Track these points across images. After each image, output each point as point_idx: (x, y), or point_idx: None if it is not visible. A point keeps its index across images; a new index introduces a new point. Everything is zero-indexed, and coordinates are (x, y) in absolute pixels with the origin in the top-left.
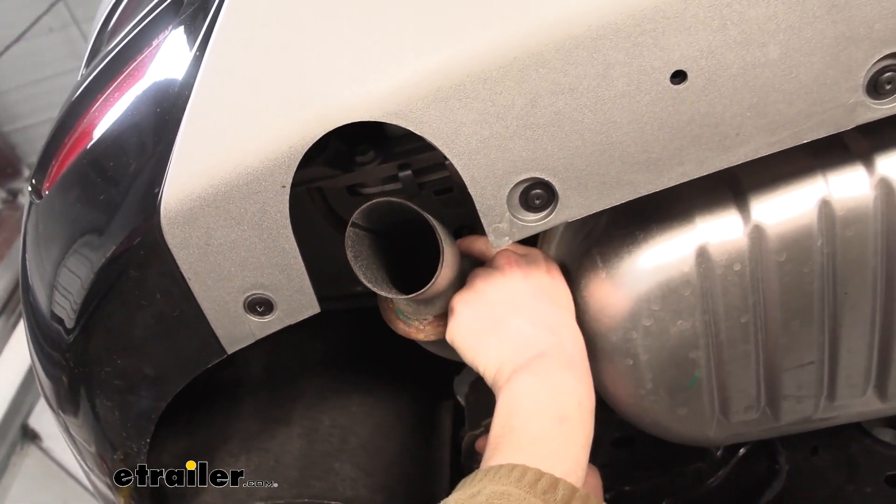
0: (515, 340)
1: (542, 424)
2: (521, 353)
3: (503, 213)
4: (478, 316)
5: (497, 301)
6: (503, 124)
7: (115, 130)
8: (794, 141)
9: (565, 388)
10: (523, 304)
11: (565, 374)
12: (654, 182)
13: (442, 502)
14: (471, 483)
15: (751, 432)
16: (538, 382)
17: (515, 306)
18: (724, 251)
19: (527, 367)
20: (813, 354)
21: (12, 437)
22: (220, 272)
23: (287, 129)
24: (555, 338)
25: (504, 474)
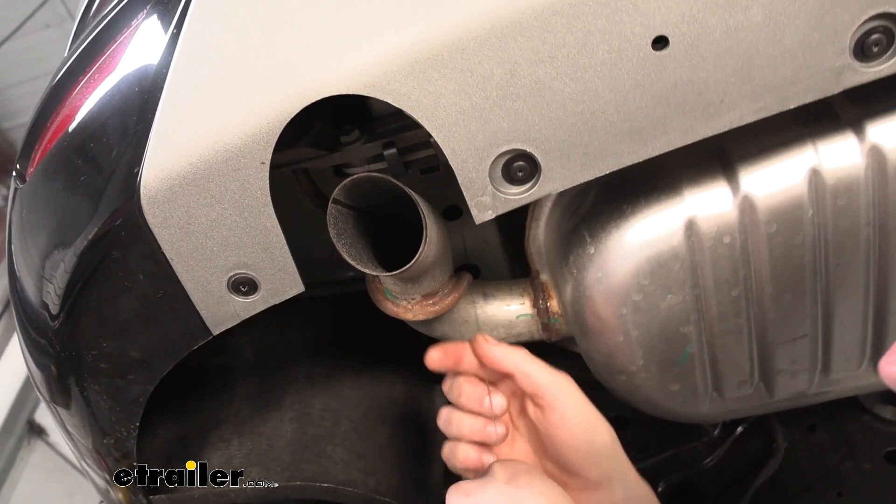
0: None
1: None
2: None
3: (485, 187)
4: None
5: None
6: (483, 95)
7: (95, 112)
8: (780, 107)
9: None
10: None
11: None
12: (638, 152)
13: None
14: None
15: (745, 408)
16: None
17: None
18: (713, 224)
19: None
20: (806, 328)
21: (19, 432)
22: (203, 252)
23: (264, 104)
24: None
25: None
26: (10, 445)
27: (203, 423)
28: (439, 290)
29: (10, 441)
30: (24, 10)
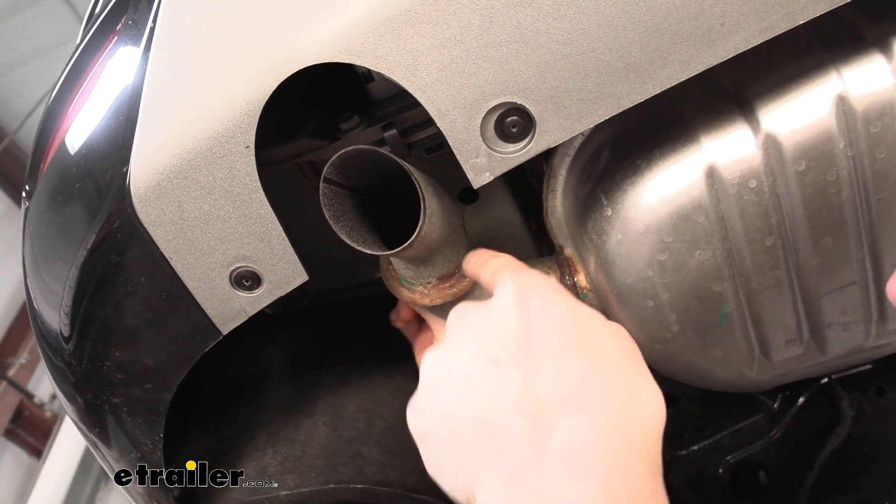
0: (472, 456)
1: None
2: (485, 479)
3: (479, 147)
4: (425, 436)
5: (441, 402)
6: (462, 47)
7: (86, 121)
8: (787, 23)
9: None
10: (477, 387)
11: (554, 480)
12: (637, 91)
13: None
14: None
15: (797, 370)
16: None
17: (468, 396)
18: (735, 168)
19: (498, 497)
20: (853, 273)
21: (96, 474)
22: (200, 247)
23: (241, 85)
24: (534, 417)
25: None
26: (87, 489)
27: (237, 435)
28: (455, 272)
29: (87, 484)
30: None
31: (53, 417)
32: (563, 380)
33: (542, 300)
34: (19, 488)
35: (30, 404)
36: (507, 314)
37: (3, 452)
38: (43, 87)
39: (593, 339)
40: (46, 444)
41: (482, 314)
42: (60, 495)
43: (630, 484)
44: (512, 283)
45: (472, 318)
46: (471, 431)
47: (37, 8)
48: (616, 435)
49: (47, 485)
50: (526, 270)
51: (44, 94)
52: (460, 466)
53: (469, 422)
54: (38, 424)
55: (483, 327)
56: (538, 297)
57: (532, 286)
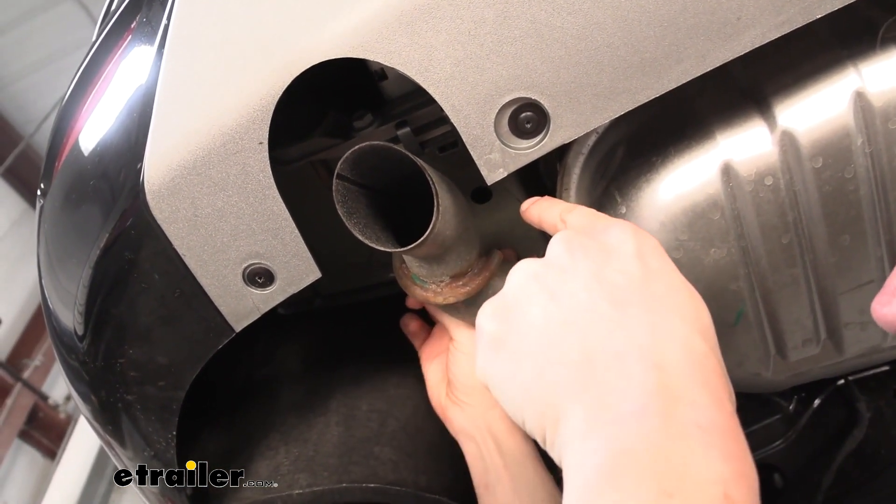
0: (571, 383)
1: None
2: (585, 407)
3: (493, 143)
4: (507, 342)
5: (538, 316)
6: (477, 42)
7: (100, 118)
8: (805, 17)
9: (685, 468)
10: (591, 320)
11: (679, 443)
12: (652, 86)
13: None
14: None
15: (814, 370)
16: (626, 466)
17: (576, 325)
18: (751, 165)
19: (594, 432)
20: (871, 272)
21: (109, 475)
22: (214, 244)
23: (254, 81)
24: (657, 375)
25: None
26: (101, 490)
27: (251, 434)
28: (468, 270)
29: (101, 486)
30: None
31: (68, 419)
32: (687, 349)
33: (660, 262)
34: (33, 489)
35: (44, 406)
36: (629, 261)
37: (18, 454)
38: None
39: (703, 314)
40: (60, 445)
41: (601, 249)
42: (74, 497)
43: (752, 475)
44: (631, 233)
45: (590, 249)
46: (577, 358)
47: (52, 13)
48: (732, 421)
49: (61, 486)
50: (642, 229)
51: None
52: (549, 384)
53: (576, 347)
54: (52, 426)
55: (603, 263)
56: (656, 258)
57: (650, 244)
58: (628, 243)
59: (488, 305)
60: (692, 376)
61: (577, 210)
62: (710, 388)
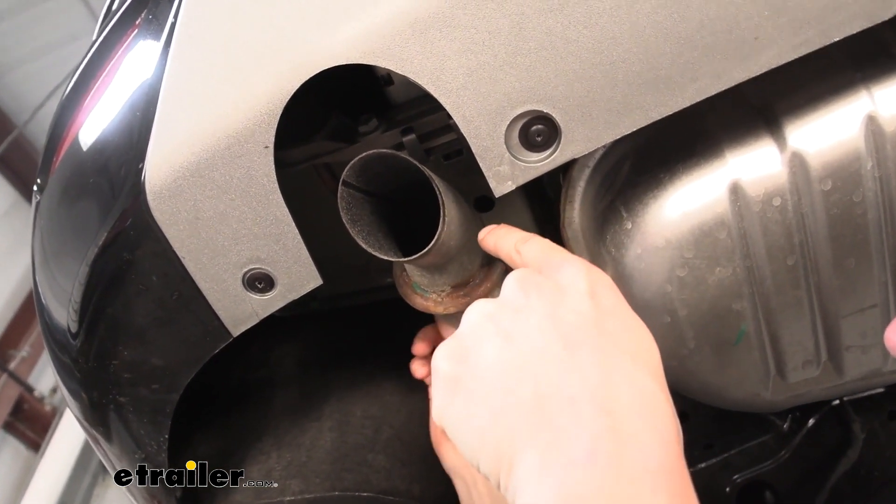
0: (524, 427)
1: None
2: (538, 451)
3: (502, 155)
4: (462, 384)
5: (492, 358)
6: (490, 52)
7: (101, 115)
8: (822, 40)
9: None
10: (545, 363)
11: (628, 487)
12: (666, 103)
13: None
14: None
15: (813, 391)
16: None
17: (530, 368)
18: (760, 185)
19: (546, 477)
20: (875, 296)
21: (93, 469)
22: (214, 247)
23: (262, 84)
24: (607, 419)
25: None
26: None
27: (243, 438)
28: (470, 280)
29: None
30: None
31: (53, 411)
32: (637, 392)
33: (613, 299)
34: (17, 482)
35: (30, 398)
36: (582, 300)
37: (2, 445)
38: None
39: (653, 354)
40: (45, 438)
41: (554, 289)
42: (58, 490)
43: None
44: (584, 272)
45: (544, 289)
46: (530, 402)
47: (50, 4)
48: (679, 462)
49: (45, 479)
50: (594, 266)
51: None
52: (504, 428)
53: (530, 391)
54: (37, 418)
55: (556, 303)
56: (609, 296)
57: (602, 282)
58: (581, 282)
59: (444, 346)
60: (641, 419)
61: (532, 241)
62: (659, 430)
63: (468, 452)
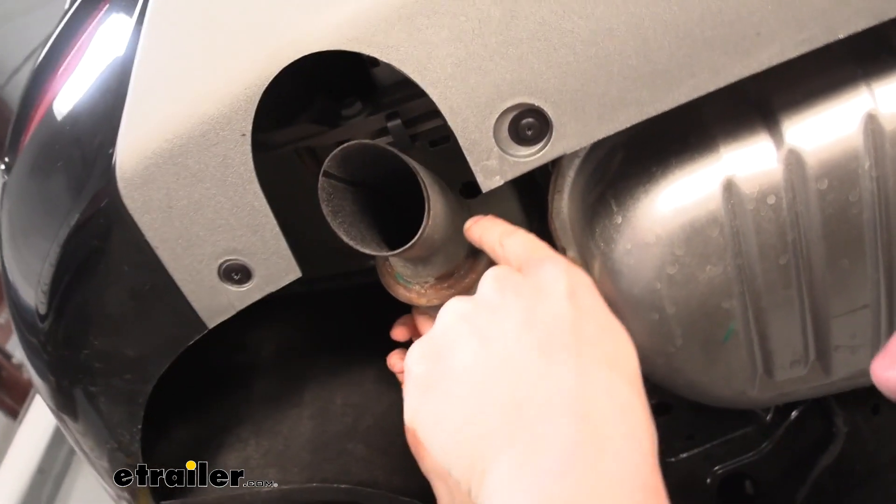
0: (498, 432)
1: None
2: (511, 458)
3: (491, 149)
4: (436, 386)
5: (467, 360)
6: (480, 42)
7: (71, 93)
8: (827, 37)
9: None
10: (520, 367)
11: (603, 496)
12: (662, 99)
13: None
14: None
15: (799, 390)
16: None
17: (505, 372)
18: (755, 183)
19: (519, 485)
20: (867, 297)
21: None
22: (189, 237)
23: (239, 69)
24: (583, 426)
25: None
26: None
27: (220, 424)
28: (455, 272)
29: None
30: None
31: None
32: (613, 398)
33: (592, 301)
34: None
35: (8, 364)
36: (560, 302)
37: None
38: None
39: (630, 359)
40: (24, 405)
41: (532, 289)
42: (37, 457)
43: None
44: (564, 271)
45: (522, 289)
46: (505, 407)
47: None
48: (654, 471)
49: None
50: (575, 266)
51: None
52: (477, 434)
53: (505, 396)
54: (15, 385)
55: (534, 304)
56: (588, 297)
57: (582, 283)
58: (561, 282)
59: (417, 347)
60: (616, 426)
61: (516, 235)
62: (635, 437)
63: (440, 457)
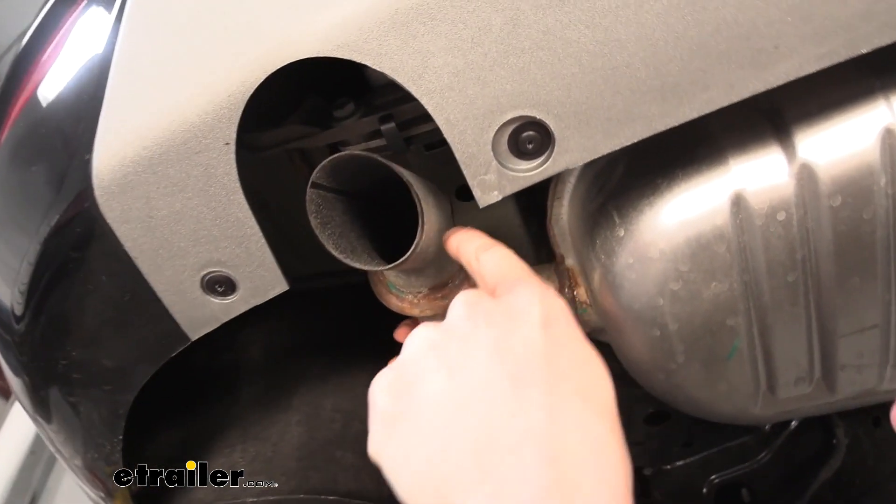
0: (465, 475)
1: None
2: (478, 501)
3: (489, 163)
4: (401, 422)
5: (434, 394)
6: (480, 51)
7: (50, 89)
8: (849, 51)
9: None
10: (489, 403)
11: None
12: (672, 114)
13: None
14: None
15: (803, 408)
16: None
17: (473, 408)
18: (765, 198)
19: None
20: (876, 316)
21: None
22: (170, 248)
23: (222, 75)
24: (553, 471)
25: None
26: None
27: (207, 427)
28: (449, 282)
29: None
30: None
31: None
32: (585, 435)
33: (566, 330)
34: None
35: None
36: (533, 330)
37: None
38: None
39: (605, 390)
40: None
41: (504, 316)
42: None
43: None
44: (538, 297)
45: (494, 316)
46: (473, 447)
47: None
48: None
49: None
50: (550, 290)
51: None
52: (443, 475)
53: (472, 434)
54: None
55: (506, 332)
56: (562, 325)
57: (556, 310)
58: (534, 308)
59: (383, 377)
60: (588, 469)
61: (492, 251)
62: (607, 480)
63: (405, 497)
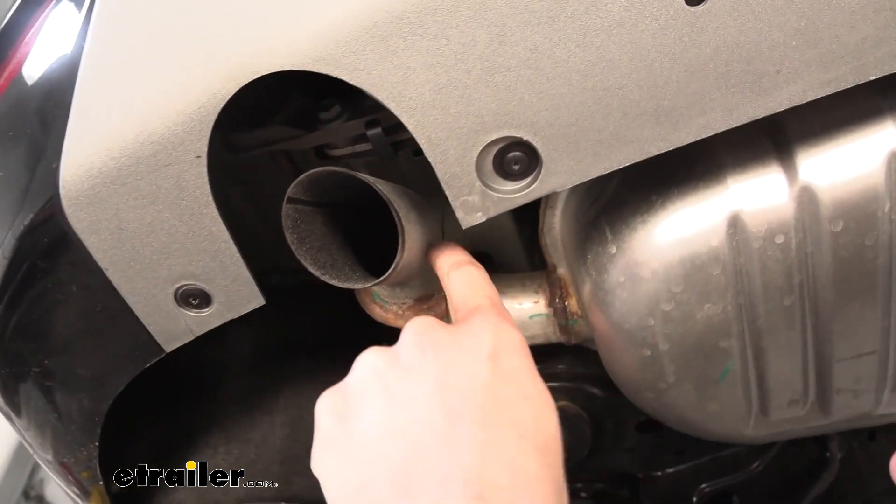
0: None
1: None
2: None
3: (472, 183)
4: (338, 443)
5: (370, 423)
6: (463, 68)
7: (18, 94)
8: (857, 78)
9: None
10: (422, 436)
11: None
12: (666, 138)
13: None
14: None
15: (796, 429)
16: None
17: (406, 439)
18: (763, 220)
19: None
20: (874, 342)
21: None
22: (141, 261)
23: (193, 86)
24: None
25: None
26: None
27: (191, 426)
28: (435, 293)
29: None
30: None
31: None
32: (516, 474)
33: (515, 363)
34: None
35: None
36: (480, 363)
37: None
38: None
39: (548, 426)
40: None
41: (453, 348)
42: None
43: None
44: (492, 328)
45: (442, 347)
46: (400, 478)
47: None
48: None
49: None
50: (506, 322)
51: None
52: (372, 498)
53: (401, 466)
54: None
55: (451, 366)
56: (511, 359)
57: (509, 342)
58: (485, 341)
59: (328, 397)
60: None
61: (462, 271)
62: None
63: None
